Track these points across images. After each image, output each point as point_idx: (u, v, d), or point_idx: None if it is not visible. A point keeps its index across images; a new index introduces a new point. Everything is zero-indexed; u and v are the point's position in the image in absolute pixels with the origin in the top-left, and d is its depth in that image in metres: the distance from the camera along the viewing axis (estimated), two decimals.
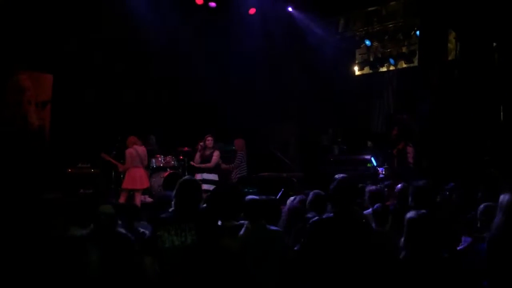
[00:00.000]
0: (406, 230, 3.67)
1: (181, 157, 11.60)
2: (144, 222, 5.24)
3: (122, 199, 8.87)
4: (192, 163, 9.58)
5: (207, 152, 9.13)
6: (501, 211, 3.39)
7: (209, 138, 9.19)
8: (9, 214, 3.96)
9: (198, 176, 8.80)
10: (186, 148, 11.50)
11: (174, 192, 3.97)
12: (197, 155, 9.24)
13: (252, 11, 12.58)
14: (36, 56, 10.09)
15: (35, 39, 9.75)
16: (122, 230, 4.43)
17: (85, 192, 9.68)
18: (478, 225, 4.22)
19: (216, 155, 9.13)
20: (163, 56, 12.15)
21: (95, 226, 4.26)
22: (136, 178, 9.06)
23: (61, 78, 10.59)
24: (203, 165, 9.12)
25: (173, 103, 12.71)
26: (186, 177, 4.19)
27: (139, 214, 5.46)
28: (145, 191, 9.87)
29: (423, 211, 3.71)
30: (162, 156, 11.22)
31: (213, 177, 9.13)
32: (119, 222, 4.54)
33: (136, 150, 9.17)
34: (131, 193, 9.13)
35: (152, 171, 10.92)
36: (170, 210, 3.92)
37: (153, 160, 11.00)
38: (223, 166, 10.01)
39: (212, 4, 12.33)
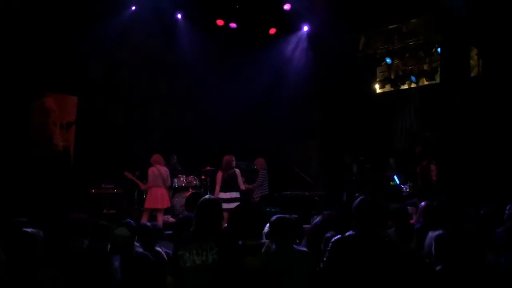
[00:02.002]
0: (435, 246, 3.63)
1: (203, 176, 11.61)
2: (166, 242, 5.25)
3: (144, 219, 8.91)
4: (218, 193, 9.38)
5: (230, 171, 9.25)
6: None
7: (234, 159, 9.42)
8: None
9: (227, 195, 8.97)
10: (208, 168, 11.52)
11: (194, 211, 3.97)
12: (221, 180, 9.23)
13: (272, 31, 12.71)
14: (61, 78, 10.30)
15: (60, 61, 9.96)
16: (140, 250, 4.45)
17: (109, 212, 9.77)
18: None
19: (239, 174, 9.35)
20: (186, 76, 12.33)
21: (111, 248, 4.28)
22: (157, 197, 9.12)
23: (86, 99, 10.77)
24: (233, 195, 9.16)
25: (196, 122, 12.80)
26: (206, 196, 4.20)
27: (161, 234, 5.49)
28: (167, 211, 9.91)
29: (450, 227, 3.68)
30: (184, 176, 11.25)
31: (236, 195, 9.25)
32: (138, 243, 4.58)
33: (159, 169, 9.25)
34: (153, 213, 9.22)
35: (174, 191, 10.96)
36: (191, 229, 3.93)
37: (175, 180, 11.05)
38: (246, 185, 10.05)
39: (233, 25, 12.48)
